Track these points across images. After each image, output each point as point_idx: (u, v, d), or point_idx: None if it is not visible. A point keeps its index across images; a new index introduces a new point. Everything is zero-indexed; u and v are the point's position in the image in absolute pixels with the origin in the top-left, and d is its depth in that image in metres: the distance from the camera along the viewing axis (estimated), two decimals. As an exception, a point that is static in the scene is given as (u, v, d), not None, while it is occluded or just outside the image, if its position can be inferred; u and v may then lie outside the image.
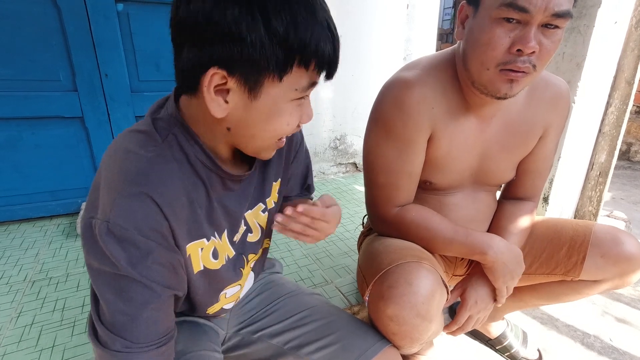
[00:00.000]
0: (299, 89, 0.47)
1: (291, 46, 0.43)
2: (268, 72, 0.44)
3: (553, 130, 0.84)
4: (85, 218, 0.46)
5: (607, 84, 1.49)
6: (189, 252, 0.54)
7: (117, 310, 0.47)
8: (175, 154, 0.51)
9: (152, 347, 0.50)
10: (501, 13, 0.60)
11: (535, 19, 0.59)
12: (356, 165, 2.62)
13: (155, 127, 0.51)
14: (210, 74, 0.43)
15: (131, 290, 0.47)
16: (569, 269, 0.84)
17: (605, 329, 1.20)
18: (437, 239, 0.79)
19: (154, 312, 0.49)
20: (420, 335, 0.68)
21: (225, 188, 0.58)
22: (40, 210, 1.76)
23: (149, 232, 0.46)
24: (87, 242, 0.46)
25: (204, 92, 0.45)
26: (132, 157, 0.48)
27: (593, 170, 1.61)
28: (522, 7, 0.58)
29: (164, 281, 0.49)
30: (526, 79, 0.65)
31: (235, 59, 0.43)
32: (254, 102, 0.46)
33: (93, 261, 0.47)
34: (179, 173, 0.51)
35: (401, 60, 2.52)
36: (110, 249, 0.44)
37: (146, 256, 0.46)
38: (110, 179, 0.47)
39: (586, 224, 0.86)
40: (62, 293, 1.25)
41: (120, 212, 0.44)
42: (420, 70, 0.76)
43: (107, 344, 0.49)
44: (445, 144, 0.78)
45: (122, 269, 0.45)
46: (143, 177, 0.46)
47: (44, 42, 1.56)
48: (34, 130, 1.64)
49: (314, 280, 1.35)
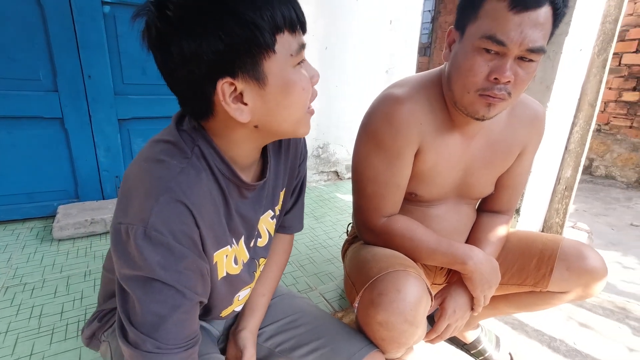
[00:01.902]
0: (293, 53, 0.49)
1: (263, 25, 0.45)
2: (260, 52, 0.46)
3: (530, 148, 0.91)
4: (115, 224, 0.48)
5: (572, 106, 1.61)
6: (215, 259, 0.57)
7: (149, 312, 0.49)
8: (202, 164, 0.53)
9: (181, 349, 0.52)
10: (482, 44, 0.66)
11: (512, 52, 0.65)
12: (337, 173, 2.67)
13: (182, 138, 0.53)
14: (219, 87, 0.46)
15: (163, 294, 0.49)
16: (537, 280, 0.89)
17: (570, 333, 1.28)
18: (421, 249, 0.83)
19: (183, 315, 0.51)
20: (407, 340, 0.72)
21: (241, 196, 0.61)
22: (13, 212, 1.70)
23: (183, 239, 0.48)
24: (117, 246, 0.48)
25: (223, 106, 0.47)
26: (165, 165, 0.50)
27: (560, 185, 1.73)
28: (500, 41, 0.64)
29: (193, 287, 0.52)
30: (502, 104, 0.72)
31: (228, 58, 0.45)
32: (266, 88, 0.49)
33: (124, 266, 0.48)
34: (207, 182, 0.53)
35: (384, 73, 2.60)
36: (145, 253, 0.46)
37: (179, 261, 0.48)
38: (144, 187, 0.48)
39: (555, 238, 0.93)
40: (39, 300, 1.21)
41: (158, 217, 0.46)
42: (410, 88, 0.81)
43: (137, 344, 0.50)
44: (431, 158, 0.83)
45: (155, 273, 0.47)
46: (177, 185, 0.49)
47: (25, 41, 1.52)
48: (11, 129, 1.59)
49: (298, 286, 1.37)
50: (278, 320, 0.79)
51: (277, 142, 0.69)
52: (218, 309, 0.67)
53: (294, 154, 0.73)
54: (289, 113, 0.53)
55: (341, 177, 2.68)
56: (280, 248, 0.83)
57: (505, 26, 0.63)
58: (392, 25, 2.54)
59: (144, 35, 0.47)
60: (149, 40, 0.47)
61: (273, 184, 0.69)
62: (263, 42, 0.45)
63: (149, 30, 0.46)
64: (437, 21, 6.85)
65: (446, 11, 6.72)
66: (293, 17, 0.48)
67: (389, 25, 2.53)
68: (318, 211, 2.09)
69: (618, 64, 3.31)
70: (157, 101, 1.85)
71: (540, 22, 0.63)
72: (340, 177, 2.67)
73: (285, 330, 0.77)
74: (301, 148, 0.76)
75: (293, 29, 0.48)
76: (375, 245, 0.90)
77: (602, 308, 1.42)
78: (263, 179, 0.64)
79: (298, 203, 0.83)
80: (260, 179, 0.64)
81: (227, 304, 0.67)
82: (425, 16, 7.34)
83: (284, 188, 0.74)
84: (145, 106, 1.83)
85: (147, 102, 1.83)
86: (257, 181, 0.63)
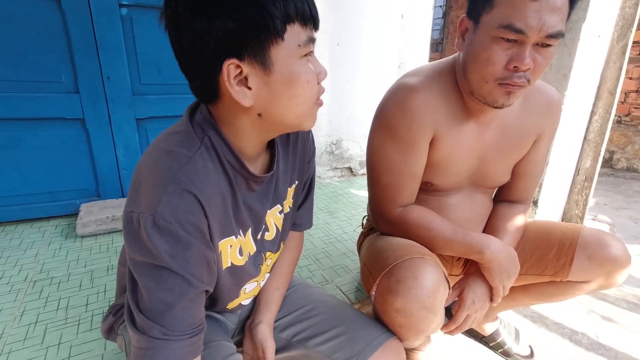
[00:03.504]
0: (301, 44, 0.50)
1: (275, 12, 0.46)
2: (269, 38, 0.47)
3: (545, 135, 0.90)
4: (126, 212, 0.50)
5: (591, 94, 1.57)
6: (220, 248, 0.58)
7: (156, 299, 0.50)
8: (211, 154, 0.54)
9: (186, 336, 0.53)
10: (500, 33, 0.65)
11: (531, 39, 0.64)
12: (351, 169, 2.67)
13: (193, 128, 0.55)
14: (225, 68, 0.47)
15: (170, 282, 0.50)
16: (557, 270, 0.88)
17: (592, 326, 1.26)
18: (437, 239, 0.83)
19: (189, 303, 0.52)
20: (426, 327, 0.72)
21: (248, 188, 0.62)
22: (38, 211, 1.76)
23: (190, 228, 0.50)
24: (128, 234, 0.50)
25: (227, 87, 0.49)
26: (174, 155, 0.51)
27: (579, 175, 1.69)
28: (519, 29, 0.63)
29: (200, 275, 0.53)
30: (521, 91, 0.71)
31: (237, 39, 0.46)
32: (271, 76, 0.49)
33: (134, 253, 0.50)
34: (215, 172, 0.54)
35: (396, 68, 2.59)
36: (154, 241, 0.47)
37: (186, 250, 0.50)
38: (154, 177, 0.50)
39: (575, 227, 0.91)
40: (65, 292, 1.26)
41: (166, 207, 0.47)
42: (424, 77, 0.81)
43: (144, 330, 0.51)
44: (446, 146, 0.83)
45: (163, 261, 0.48)
46: (186, 175, 0.50)
47: (48, 45, 1.58)
48: (35, 131, 1.65)
49: (314, 279, 1.39)
50: (294, 310, 0.80)
51: (285, 137, 0.69)
52: (224, 300, 0.68)
53: (302, 150, 0.74)
54: (292, 104, 0.53)
55: (355, 173, 2.68)
56: (291, 244, 0.84)
57: (523, 14, 0.62)
58: (403, 20, 2.53)
59: (161, 15, 0.49)
60: (166, 19, 0.48)
61: (282, 179, 0.69)
62: (273, 29, 0.46)
63: (167, 8, 0.48)
64: (449, 16, 6.76)
65: (457, 6, 6.63)
66: (306, 10, 0.49)
67: (400, 20, 2.52)
68: (332, 206, 2.09)
69: (638, 53, 3.20)
70: (172, 100, 1.89)
71: (557, 6, 0.62)
72: (354, 173, 2.68)
73: (302, 320, 0.78)
74: (309, 144, 0.76)
75: (304, 22, 0.49)
76: (391, 235, 0.90)
77: (626, 301, 1.38)
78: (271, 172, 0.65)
79: (307, 200, 0.83)
80: (268, 173, 0.65)
81: (233, 295, 0.68)
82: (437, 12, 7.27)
83: (293, 184, 0.74)
84: (161, 105, 1.87)
85: (163, 102, 1.87)
86: (266, 174, 0.63)
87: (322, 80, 0.56)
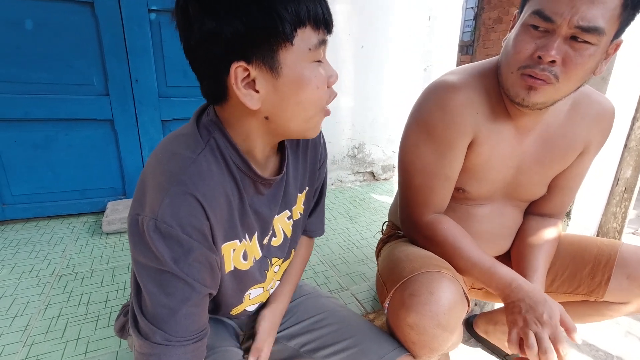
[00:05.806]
0: (312, 48, 0.49)
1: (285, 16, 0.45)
2: (278, 42, 0.46)
3: (593, 147, 0.82)
4: (132, 214, 0.50)
5: (633, 99, 1.46)
6: (223, 252, 0.57)
7: (159, 304, 0.50)
8: (215, 156, 0.54)
9: (189, 342, 0.53)
10: (530, 20, 0.62)
11: (561, 29, 0.60)
12: (373, 174, 2.62)
13: (199, 131, 0.54)
14: (233, 70, 0.46)
15: (172, 286, 0.50)
16: (592, 289, 0.81)
17: (629, 350, 1.16)
18: (460, 258, 0.77)
19: (192, 308, 0.52)
20: (440, 346, 0.68)
21: (256, 192, 0.60)
22: (69, 207, 1.84)
23: (192, 231, 0.49)
24: (133, 237, 0.49)
25: (234, 90, 0.48)
26: (178, 158, 0.51)
27: (618, 186, 1.57)
28: (548, 17, 0.60)
29: (203, 279, 0.52)
30: (547, 89, 0.65)
31: (246, 42, 0.45)
32: (279, 79, 0.48)
33: (139, 255, 0.50)
34: (219, 175, 0.53)
35: (421, 72, 2.53)
36: (156, 245, 0.47)
37: (188, 254, 0.49)
38: (157, 179, 0.50)
39: (612, 243, 0.84)
40: (87, 288, 1.30)
41: (167, 210, 0.47)
42: (466, 75, 0.76)
43: (147, 335, 0.51)
44: (485, 151, 0.77)
45: (166, 264, 0.48)
46: (188, 177, 0.49)
47: (81, 49, 1.65)
48: (68, 131, 1.73)
49: (330, 286, 1.36)
50: (304, 320, 0.78)
51: (295, 141, 0.68)
52: (227, 305, 0.66)
53: (313, 155, 0.72)
54: (300, 109, 0.52)
55: (377, 177, 2.63)
56: (298, 250, 0.82)
57: (556, 1, 0.59)
58: (430, 22, 2.46)
59: (173, 14, 0.48)
60: (177, 18, 0.48)
61: (292, 184, 0.68)
62: (282, 33, 0.45)
63: (177, 7, 0.47)
64: (481, 18, 6.56)
65: (490, 7, 6.43)
66: (318, 14, 0.47)
67: (427, 22, 2.46)
68: (352, 211, 2.06)
69: (690, 55, 2.96)
70: (196, 102, 1.91)
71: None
72: (376, 177, 2.63)
73: (311, 331, 0.76)
74: (321, 150, 0.74)
75: (317, 26, 0.48)
76: (415, 242, 0.86)
77: (670, 324, 1.27)
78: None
79: (319, 207, 0.81)
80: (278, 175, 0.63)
81: (236, 301, 0.67)
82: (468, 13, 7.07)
83: (303, 190, 0.73)
84: (185, 107, 1.91)
85: (188, 104, 1.91)
86: (274, 177, 0.62)
87: (332, 83, 0.54)
